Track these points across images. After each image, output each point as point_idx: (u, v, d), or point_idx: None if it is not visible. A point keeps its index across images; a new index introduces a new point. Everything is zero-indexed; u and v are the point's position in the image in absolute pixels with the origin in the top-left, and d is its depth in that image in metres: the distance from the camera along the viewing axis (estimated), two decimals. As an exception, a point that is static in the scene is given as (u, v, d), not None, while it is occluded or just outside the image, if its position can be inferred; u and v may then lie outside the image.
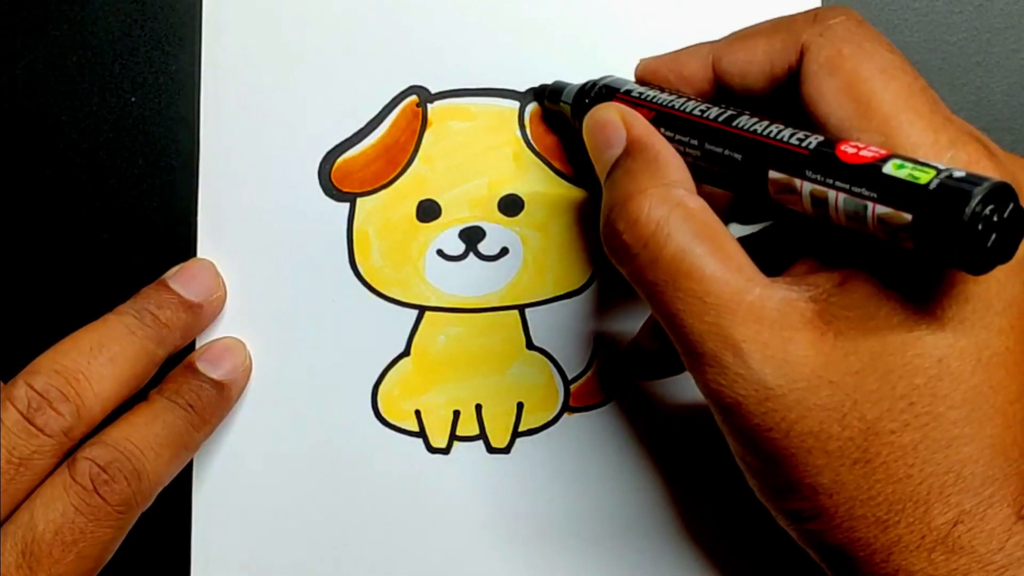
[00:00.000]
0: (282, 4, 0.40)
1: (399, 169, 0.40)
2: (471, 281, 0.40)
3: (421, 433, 0.40)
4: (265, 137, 0.40)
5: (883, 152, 0.28)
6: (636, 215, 0.30)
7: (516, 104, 0.40)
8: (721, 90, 0.34)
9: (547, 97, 0.39)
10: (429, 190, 0.40)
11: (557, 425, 0.40)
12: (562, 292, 0.40)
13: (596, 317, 0.40)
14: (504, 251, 0.40)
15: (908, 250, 0.27)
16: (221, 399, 0.38)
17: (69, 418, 0.35)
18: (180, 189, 0.40)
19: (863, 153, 0.28)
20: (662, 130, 0.33)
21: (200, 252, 0.40)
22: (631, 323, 0.40)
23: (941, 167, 0.27)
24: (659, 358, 0.38)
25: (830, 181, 0.28)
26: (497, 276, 0.40)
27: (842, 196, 0.28)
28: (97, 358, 0.36)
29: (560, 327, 0.40)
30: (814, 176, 0.28)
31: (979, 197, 0.25)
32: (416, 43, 0.40)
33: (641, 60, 0.36)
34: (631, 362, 0.39)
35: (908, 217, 0.26)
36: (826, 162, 0.28)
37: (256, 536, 0.40)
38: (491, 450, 0.40)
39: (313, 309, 0.40)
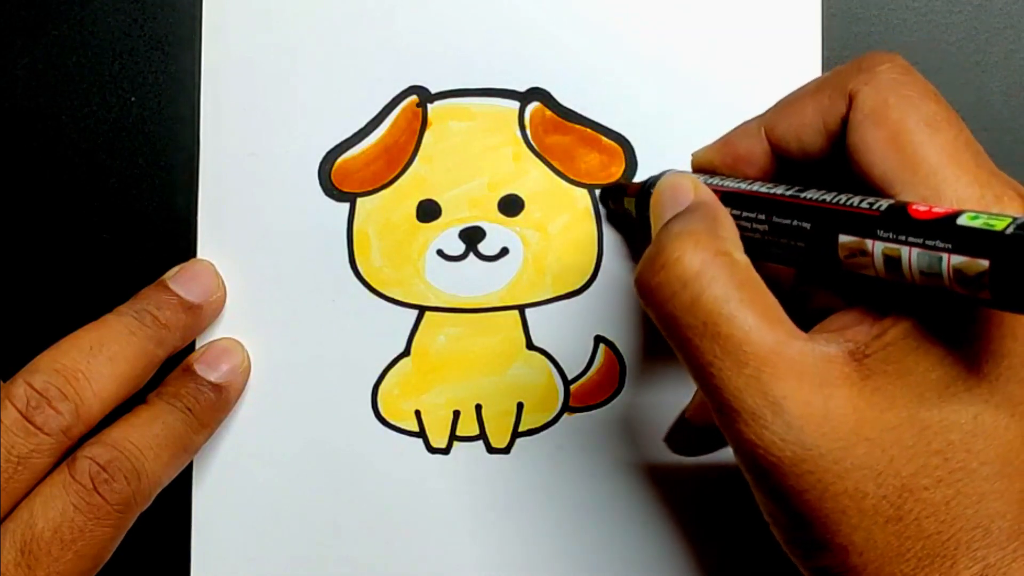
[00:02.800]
0: (282, 4, 0.40)
1: (399, 169, 0.40)
2: (471, 281, 0.40)
3: (421, 433, 0.40)
4: (265, 137, 0.40)
5: (954, 208, 0.28)
6: (681, 253, 0.29)
7: (516, 104, 0.40)
8: (780, 162, 0.33)
9: (611, 196, 0.39)
10: (429, 190, 0.40)
11: (557, 425, 0.40)
12: (562, 292, 0.40)
13: (596, 317, 0.40)
14: (504, 251, 0.40)
15: (985, 302, 0.27)
16: (219, 401, 0.38)
17: (68, 417, 0.35)
18: (180, 189, 0.40)
19: (936, 210, 0.28)
20: (729, 209, 0.32)
21: (200, 252, 0.40)
22: (631, 323, 0.40)
23: (1017, 216, 0.26)
24: (708, 436, 0.38)
25: (903, 238, 0.28)
26: (497, 276, 0.40)
27: (916, 252, 0.27)
28: (96, 357, 0.36)
29: (560, 327, 0.40)
30: (886, 235, 0.28)
31: None
32: (416, 43, 0.40)
33: (693, 153, 0.36)
34: (679, 438, 0.39)
35: (985, 264, 0.26)
36: (898, 220, 0.28)
37: (256, 536, 0.40)
38: (491, 450, 0.40)
39: (313, 309, 0.40)
